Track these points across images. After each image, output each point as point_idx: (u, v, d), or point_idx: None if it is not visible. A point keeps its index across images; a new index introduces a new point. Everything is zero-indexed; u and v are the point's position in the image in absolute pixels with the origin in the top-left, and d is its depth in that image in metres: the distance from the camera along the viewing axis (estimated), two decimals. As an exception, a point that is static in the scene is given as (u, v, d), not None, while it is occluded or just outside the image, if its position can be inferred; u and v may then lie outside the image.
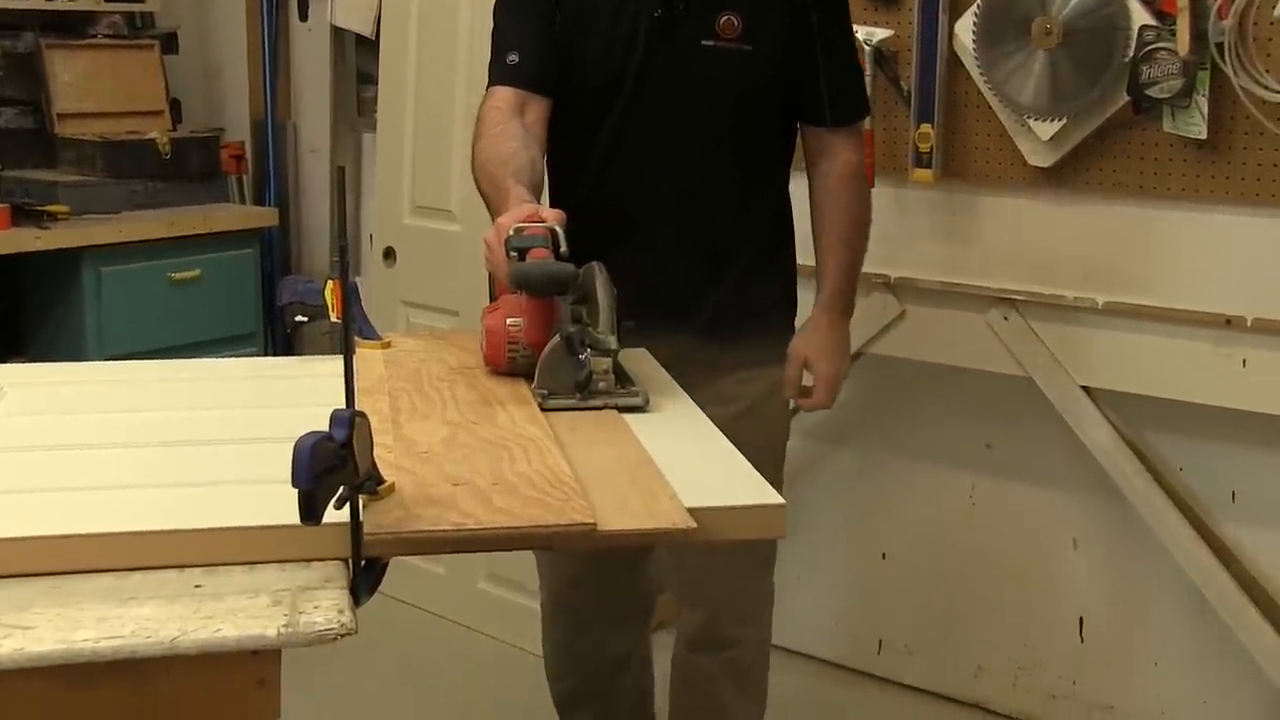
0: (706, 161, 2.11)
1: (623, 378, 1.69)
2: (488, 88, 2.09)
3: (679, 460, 1.47)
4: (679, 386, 1.80)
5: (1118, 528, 2.85)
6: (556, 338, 1.65)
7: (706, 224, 2.12)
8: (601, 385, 1.64)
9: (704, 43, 2.04)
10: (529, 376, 1.69)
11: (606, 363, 1.65)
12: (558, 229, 1.71)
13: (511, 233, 1.70)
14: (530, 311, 1.70)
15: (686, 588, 2.34)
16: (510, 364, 1.73)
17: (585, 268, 1.73)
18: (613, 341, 1.65)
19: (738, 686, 2.35)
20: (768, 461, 2.20)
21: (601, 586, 2.34)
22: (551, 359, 1.65)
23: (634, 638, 2.45)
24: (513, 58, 2.06)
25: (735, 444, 1.56)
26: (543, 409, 1.61)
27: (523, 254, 1.67)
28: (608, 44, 2.06)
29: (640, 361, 1.87)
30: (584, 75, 2.08)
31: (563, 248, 1.69)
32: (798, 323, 2.27)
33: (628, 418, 1.63)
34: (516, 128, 2.00)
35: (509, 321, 1.72)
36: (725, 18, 2.04)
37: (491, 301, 1.88)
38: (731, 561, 2.22)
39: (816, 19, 2.11)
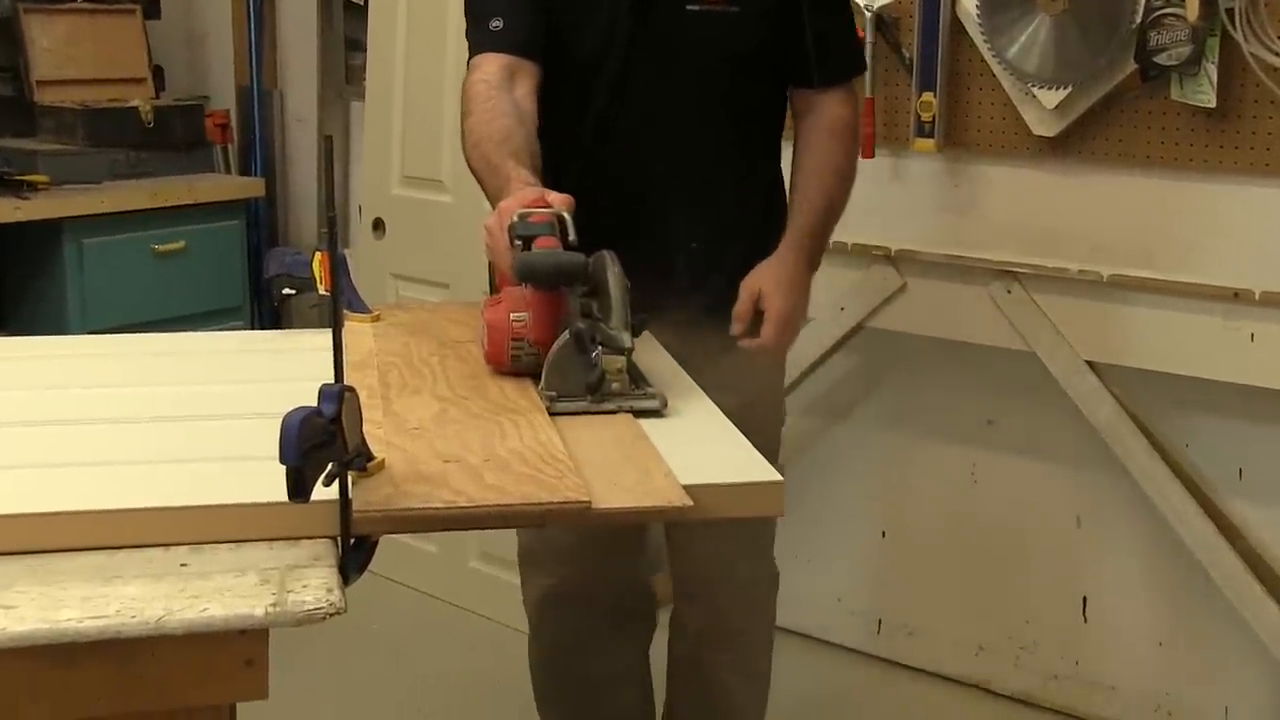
0: (701, 131, 2.07)
1: (637, 377, 1.58)
2: (470, 59, 2.02)
3: (675, 437, 1.47)
4: (676, 364, 1.76)
5: (1122, 505, 2.86)
6: (565, 334, 1.55)
7: (705, 196, 2.08)
8: (615, 386, 1.54)
9: (690, 7, 1.99)
10: (535, 376, 1.60)
11: (620, 361, 1.54)
12: (565, 215, 1.62)
13: (515, 219, 1.61)
14: (536, 305, 1.60)
15: (688, 584, 2.29)
16: (514, 363, 1.63)
17: (595, 257, 1.62)
18: (627, 339, 1.54)
19: (744, 677, 2.32)
20: (767, 449, 2.20)
21: (596, 591, 2.26)
22: (560, 358, 1.55)
23: (633, 652, 2.36)
24: (496, 23, 1.98)
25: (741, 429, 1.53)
26: (551, 413, 1.51)
27: (528, 242, 1.58)
28: (592, 15, 2.01)
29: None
30: (569, 49, 2.02)
31: (571, 235, 1.60)
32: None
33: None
34: (507, 103, 1.91)
35: (513, 316, 1.62)
36: None
37: (492, 293, 1.81)
38: (732, 552, 2.20)
39: None
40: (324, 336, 1.22)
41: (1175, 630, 2.86)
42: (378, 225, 3.58)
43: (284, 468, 1.12)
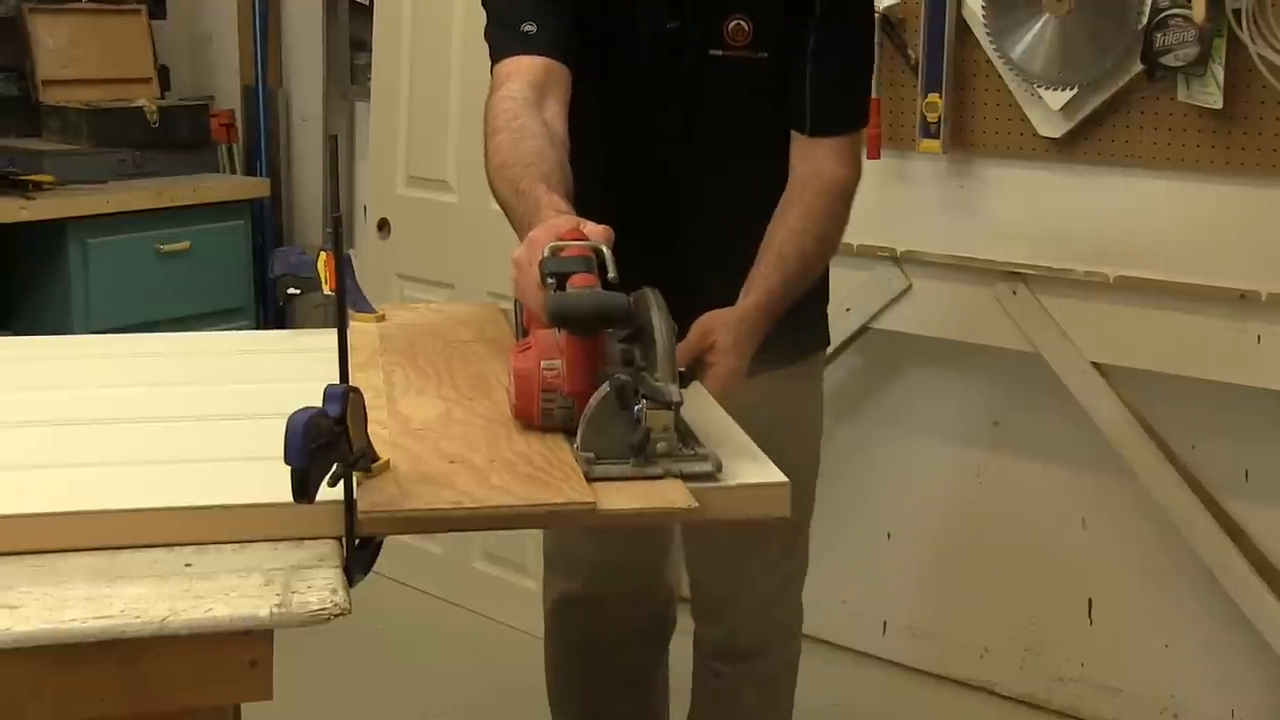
0: (726, 173, 1.97)
1: (686, 435, 1.38)
2: (496, 63, 1.86)
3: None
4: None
5: (1128, 507, 2.85)
6: (605, 387, 1.35)
7: (731, 235, 1.94)
8: (661, 447, 1.33)
9: (712, 52, 1.89)
10: (569, 431, 1.40)
11: (667, 418, 1.33)
12: (604, 249, 1.44)
13: (547, 254, 1.42)
14: (571, 352, 1.39)
15: (707, 602, 2.25)
16: (545, 418, 1.42)
17: (637, 295, 1.44)
18: (675, 391, 1.34)
19: (766, 696, 2.28)
20: (806, 466, 2.17)
21: (613, 599, 2.23)
22: (599, 414, 1.35)
23: (647, 662, 2.34)
24: (529, 27, 1.83)
25: (769, 450, 1.44)
26: (589, 478, 1.32)
27: (561, 281, 1.38)
28: (615, 56, 1.91)
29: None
30: (589, 88, 1.90)
31: (611, 272, 1.42)
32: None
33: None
34: (537, 123, 1.75)
35: (544, 364, 1.41)
36: (734, 22, 1.88)
37: (519, 335, 1.64)
38: (751, 572, 2.16)
39: (820, 12, 1.91)
40: (329, 337, 1.22)
41: (1181, 633, 2.86)
42: (383, 225, 3.58)
43: (289, 468, 1.12)
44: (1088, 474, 2.91)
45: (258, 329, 3.98)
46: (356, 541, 1.23)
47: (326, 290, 1.88)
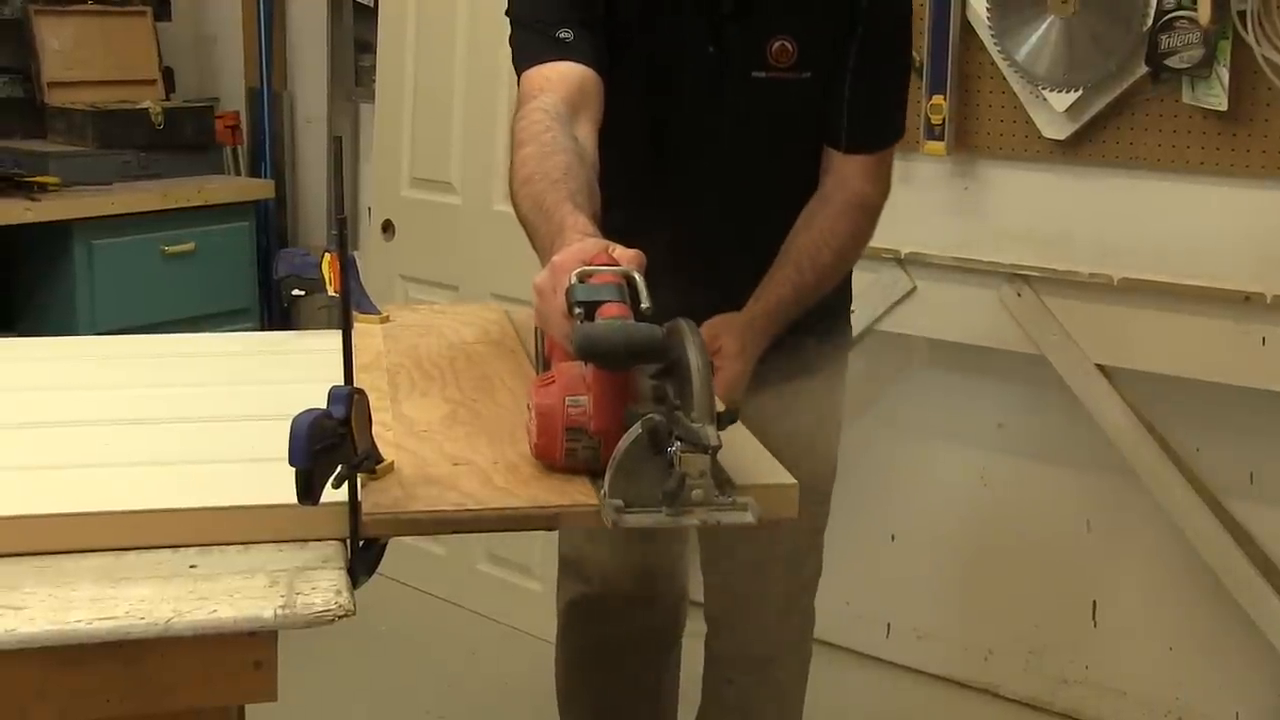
0: (767, 196, 1.93)
1: (722, 481, 1.27)
2: (527, 67, 1.77)
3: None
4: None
5: (1132, 510, 2.85)
6: (636, 428, 1.23)
7: (769, 260, 1.91)
8: (697, 494, 1.21)
9: (755, 74, 1.85)
10: (594, 473, 1.31)
11: (703, 463, 1.21)
12: (636, 276, 1.33)
13: (574, 280, 1.31)
14: (599, 388, 1.30)
15: (719, 610, 2.24)
16: (569, 458, 1.32)
17: (670, 327, 1.31)
18: (712, 434, 1.21)
19: (778, 706, 2.27)
20: (824, 474, 2.16)
21: (624, 605, 2.20)
22: (629, 458, 1.22)
23: (656, 669, 2.32)
24: (565, 33, 1.75)
25: (790, 457, 1.43)
26: (615, 525, 1.22)
27: (590, 310, 1.27)
28: (656, 76, 1.86)
29: None
30: (628, 106, 1.84)
31: (644, 302, 1.30)
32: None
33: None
34: (568, 138, 1.65)
35: (568, 401, 1.31)
36: (778, 43, 1.84)
37: (540, 368, 1.54)
38: (765, 580, 2.16)
39: (861, 32, 1.89)
40: (333, 338, 1.22)
41: (1186, 635, 2.85)
42: (387, 227, 3.59)
43: (293, 470, 1.12)
44: (1092, 476, 2.91)
45: (262, 330, 3.98)
46: (361, 543, 1.23)
47: (331, 291, 1.88)
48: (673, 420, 1.24)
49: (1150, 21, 2.51)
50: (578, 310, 1.28)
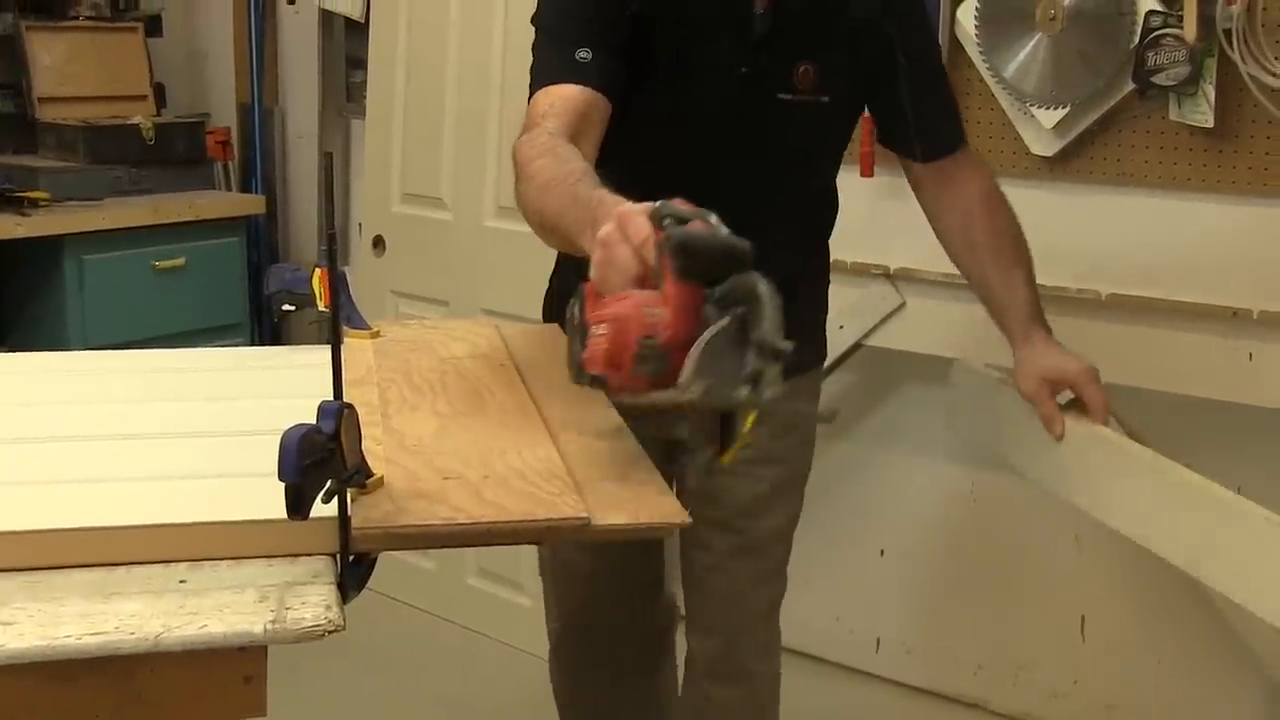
0: (786, 212, 2.00)
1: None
2: (539, 87, 1.84)
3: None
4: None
5: (1121, 524, 2.85)
6: (725, 319, 1.25)
7: (779, 270, 1.96)
8: (769, 393, 1.24)
9: (781, 96, 1.91)
10: (655, 385, 1.30)
11: (777, 369, 1.24)
12: (712, 215, 1.36)
13: (659, 207, 1.35)
14: (680, 298, 1.28)
15: (702, 618, 2.24)
16: (638, 363, 1.29)
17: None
18: (784, 342, 1.24)
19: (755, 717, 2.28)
20: (800, 479, 2.21)
21: (612, 621, 2.25)
22: (719, 340, 1.25)
23: (647, 686, 2.35)
24: (584, 54, 1.80)
25: (774, 461, 1.49)
26: (701, 398, 1.24)
27: (680, 223, 1.31)
28: (686, 91, 1.90)
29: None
30: (651, 117, 1.90)
31: (724, 230, 1.34)
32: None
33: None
34: (573, 149, 1.71)
35: (645, 311, 1.30)
36: (802, 68, 1.90)
37: (577, 375, 1.45)
38: (748, 595, 2.18)
39: (908, 48, 1.99)
40: (323, 353, 1.22)
41: (1173, 649, 2.86)
42: (378, 242, 3.59)
43: (283, 485, 1.12)
44: (1081, 491, 2.91)
45: (253, 345, 3.98)
46: (351, 558, 1.23)
47: (321, 307, 1.88)
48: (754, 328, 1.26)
49: (1137, 39, 2.52)
50: (668, 221, 1.31)
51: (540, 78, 1.84)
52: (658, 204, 1.35)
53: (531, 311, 3.11)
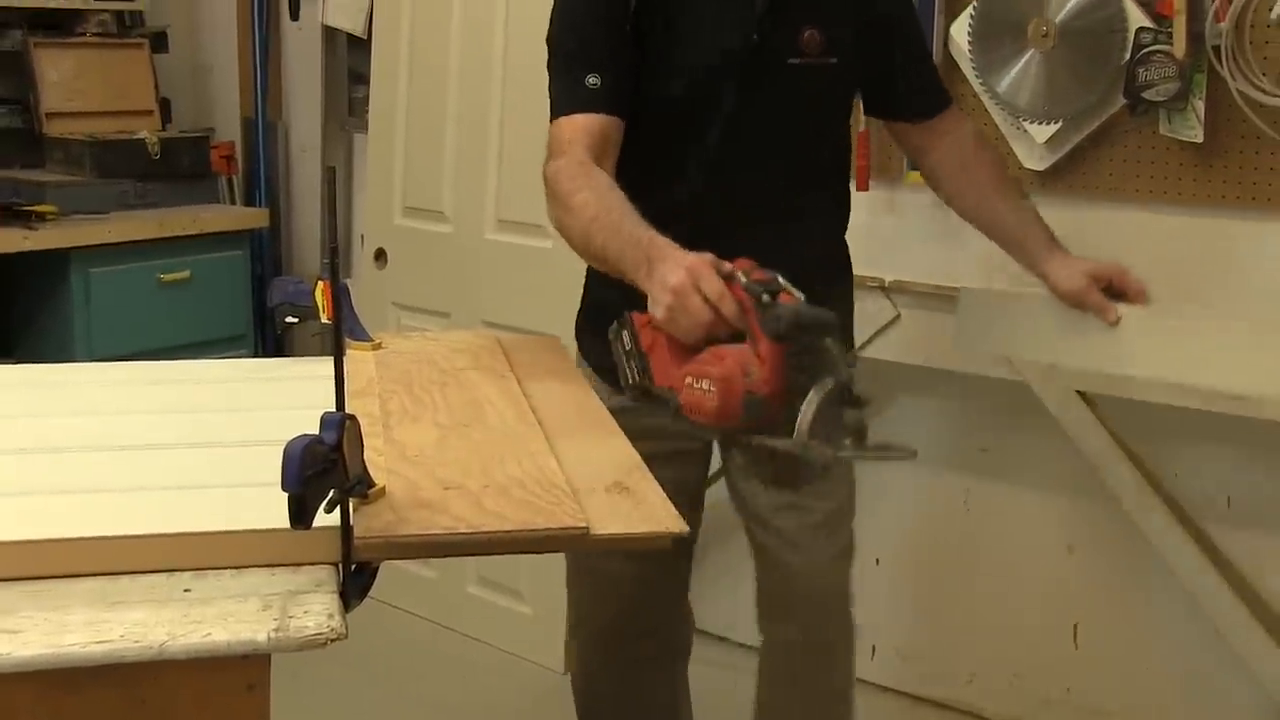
0: (802, 178, 2.08)
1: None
2: (559, 115, 1.94)
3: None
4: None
5: (1113, 533, 2.85)
6: (828, 380, 1.49)
7: (800, 241, 2.03)
8: (870, 441, 1.53)
9: (791, 61, 1.98)
10: (759, 427, 1.51)
11: (863, 415, 1.52)
12: (780, 276, 1.59)
13: (743, 278, 1.57)
14: (774, 360, 1.51)
15: (779, 600, 2.23)
16: (745, 414, 1.52)
17: None
18: (864, 395, 1.52)
19: (842, 697, 2.29)
20: (846, 476, 2.24)
21: (634, 624, 2.26)
22: (825, 405, 1.48)
23: (669, 685, 2.36)
24: (593, 80, 1.91)
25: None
26: (833, 460, 1.49)
27: (774, 296, 1.54)
28: (701, 69, 1.97)
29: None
30: (670, 101, 1.99)
31: (799, 294, 1.57)
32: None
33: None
34: (606, 176, 1.86)
35: (744, 370, 1.53)
36: (808, 33, 1.98)
37: (630, 377, 1.71)
38: (823, 564, 2.21)
39: (896, 15, 2.14)
40: (326, 364, 1.22)
41: (1166, 656, 2.86)
42: (379, 255, 3.59)
43: (286, 494, 1.12)
44: (1073, 500, 2.91)
45: (256, 357, 3.98)
46: (353, 566, 1.23)
47: (324, 319, 1.89)
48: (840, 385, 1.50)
49: (1128, 55, 2.53)
50: (765, 297, 1.53)
51: (558, 108, 1.94)
52: (742, 279, 1.56)
53: (531, 322, 3.12)
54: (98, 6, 4.03)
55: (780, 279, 1.57)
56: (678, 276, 1.61)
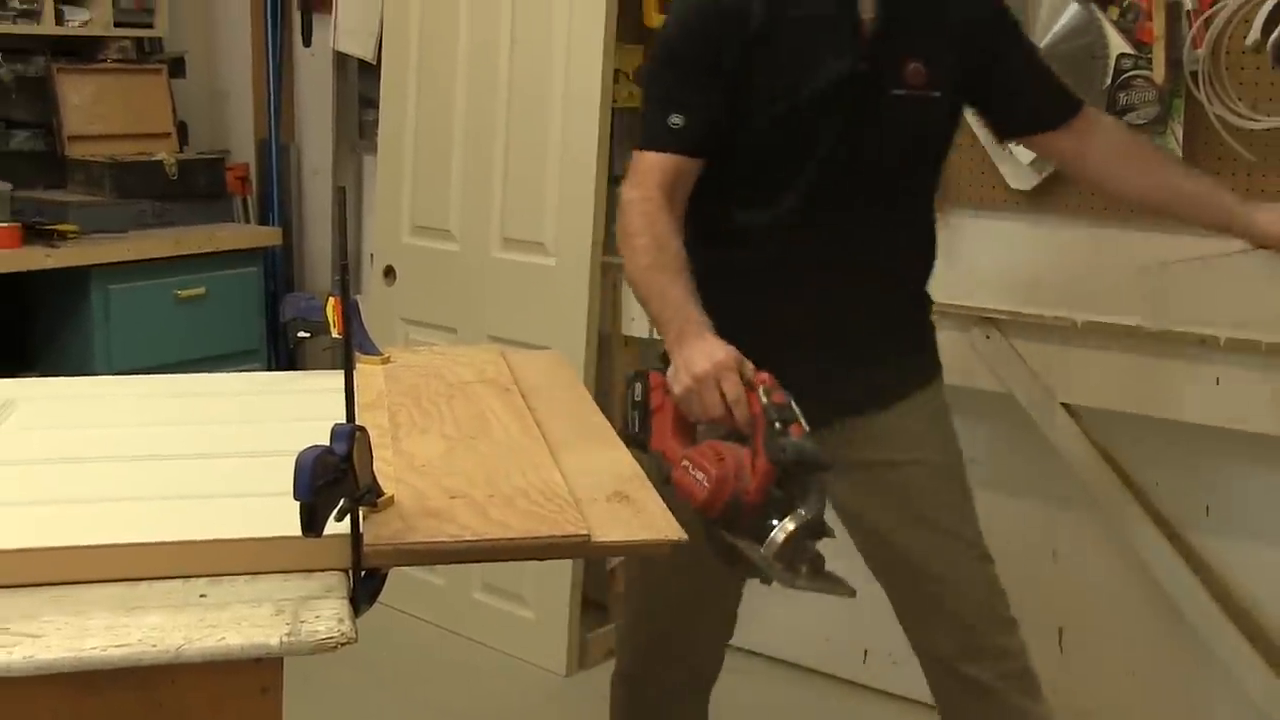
0: (900, 211, 2.03)
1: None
2: (642, 148, 1.93)
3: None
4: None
5: (1096, 540, 2.85)
6: (806, 513, 1.56)
7: (895, 275, 2.06)
8: (827, 571, 1.61)
9: (895, 92, 1.92)
10: (729, 524, 1.60)
11: (820, 548, 1.59)
12: (794, 405, 1.62)
13: (765, 398, 1.61)
14: (764, 479, 1.58)
15: (920, 605, 2.21)
16: (724, 512, 1.60)
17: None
18: (831, 530, 1.60)
19: (1029, 695, 2.22)
20: (958, 477, 2.21)
21: (686, 648, 2.21)
22: (798, 533, 1.56)
23: (702, 702, 2.31)
24: (676, 120, 1.89)
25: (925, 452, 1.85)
26: (793, 585, 1.59)
27: (785, 426, 1.58)
28: (803, 96, 1.91)
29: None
30: (773, 132, 1.93)
31: (805, 425, 1.60)
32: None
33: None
34: (671, 221, 1.87)
35: (736, 476, 1.60)
36: (912, 65, 1.92)
37: (633, 423, 1.79)
38: (955, 555, 2.17)
39: (1004, 39, 2.06)
40: (337, 378, 1.23)
41: (1147, 660, 2.85)
42: (388, 272, 3.60)
43: (298, 504, 1.12)
44: (1058, 508, 2.91)
45: (269, 370, 3.98)
46: (363, 573, 1.23)
47: (335, 334, 1.88)
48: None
49: (1109, 80, 2.53)
50: (778, 425, 1.58)
51: (642, 140, 1.94)
52: (764, 399, 1.61)
53: (534, 337, 3.13)
54: (118, 34, 4.04)
55: (794, 406, 1.60)
56: (703, 366, 1.68)
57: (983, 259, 2.84)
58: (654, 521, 1.34)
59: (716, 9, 1.91)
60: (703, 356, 1.69)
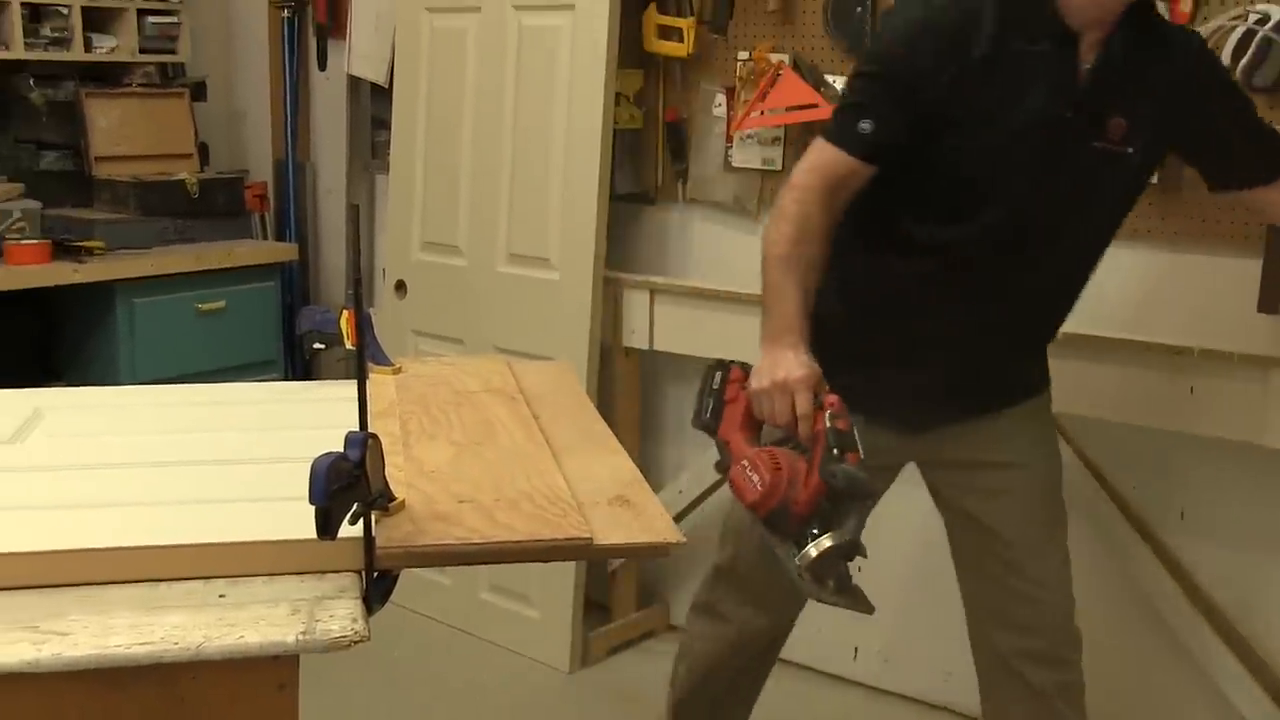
0: (1063, 259, 1.99)
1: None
2: (825, 139, 1.90)
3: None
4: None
5: (1077, 542, 2.84)
6: (845, 534, 1.61)
7: (1041, 314, 2.08)
8: (853, 585, 1.64)
9: (1094, 144, 1.87)
10: (776, 521, 1.66)
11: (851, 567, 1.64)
12: (855, 433, 1.64)
13: (829, 423, 1.63)
14: (813, 492, 1.63)
15: (1017, 609, 2.21)
16: (779, 506, 1.65)
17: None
18: (864, 550, 1.63)
19: (1075, 708, 2.23)
20: (1059, 486, 2.22)
21: (768, 637, 2.34)
22: (833, 551, 1.61)
23: (758, 687, 2.43)
24: (865, 125, 1.85)
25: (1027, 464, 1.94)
26: (826, 596, 1.63)
27: (843, 452, 1.62)
28: (1004, 134, 1.85)
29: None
30: (969, 156, 1.87)
31: (862, 453, 1.63)
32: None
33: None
34: (824, 221, 1.85)
35: (788, 483, 1.65)
36: (1114, 120, 1.86)
37: (707, 413, 1.83)
38: (1056, 566, 2.20)
39: (1215, 101, 1.97)
40: (350, 388, 1.23)
41: (1126, 658, 2.85)
42: (400, 286, 3.60)
43: (313, 508, 1.12)
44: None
45: (286, 380, 3.99)
46: (375, 574, 1.24)
47: (348, 345, 1.89)
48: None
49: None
50: (836, 450, 1.61)
51: (830, 133, 1.90)
52: (829, 423, 1.62)
53: (539, 348, 3.13)
54: (143, 60, 4.05)
55: (855, 435, 1.63)
56: (783, 376, 1.72)
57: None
58: (654, 525, 1.34)
59: (944, 29, 1.84)
60: (788, 365, 1.73)
